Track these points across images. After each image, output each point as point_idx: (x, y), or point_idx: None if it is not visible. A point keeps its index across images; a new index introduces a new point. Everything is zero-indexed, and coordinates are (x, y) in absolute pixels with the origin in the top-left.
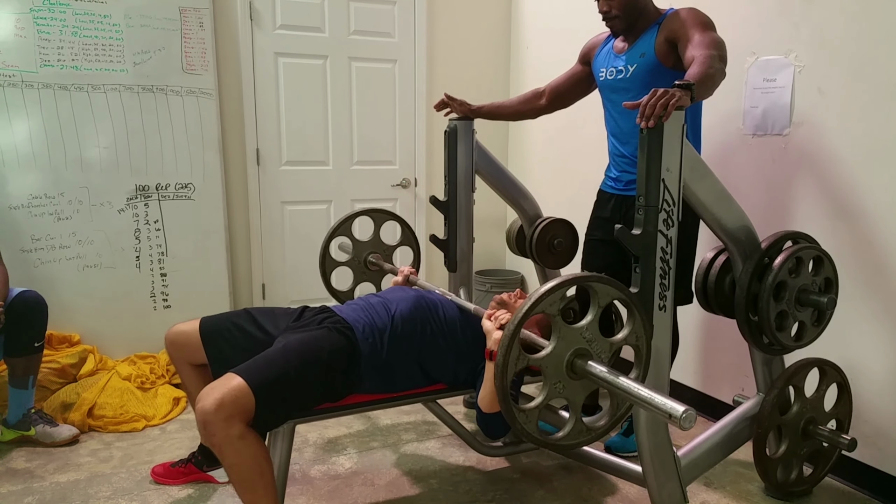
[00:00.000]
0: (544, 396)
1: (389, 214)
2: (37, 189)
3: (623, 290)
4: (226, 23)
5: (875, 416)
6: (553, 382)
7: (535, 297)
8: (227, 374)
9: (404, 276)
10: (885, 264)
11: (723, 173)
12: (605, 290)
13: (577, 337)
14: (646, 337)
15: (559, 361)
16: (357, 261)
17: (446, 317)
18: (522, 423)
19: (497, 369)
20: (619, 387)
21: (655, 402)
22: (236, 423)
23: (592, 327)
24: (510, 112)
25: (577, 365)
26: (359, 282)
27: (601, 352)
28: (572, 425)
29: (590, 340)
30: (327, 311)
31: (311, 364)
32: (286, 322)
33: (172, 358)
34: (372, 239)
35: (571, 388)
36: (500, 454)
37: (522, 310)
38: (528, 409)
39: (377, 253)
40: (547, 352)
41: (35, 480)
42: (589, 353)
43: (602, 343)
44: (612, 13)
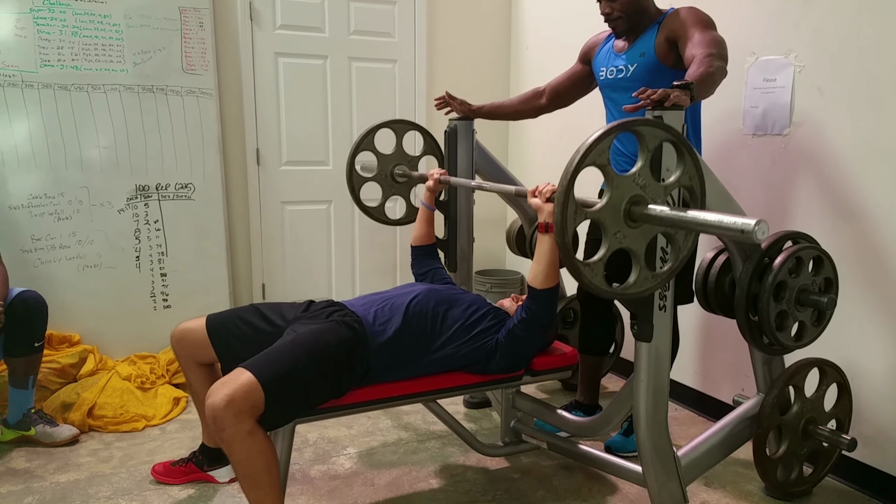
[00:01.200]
0: (607, 248)
1: (410, 124)
2: (37, 189)
3: (669, 129)
4: (226, 23)
5: (875, 416)
6: (614, 233)
7: (583, 148)
8: (237, 370)
9: (435, 180)
10: (885, 264)
11: (723, 173)
12: (651, 133)
13: (630, 184)
14: (697, 175)
15: (616, 211)
16: (384, 174)
17: (459, 309)
18: (589, 276)
19: (556, 227)
20: (686, 219)
21: (725, 223)
22: (246, 419)
23: (644, 172)
24: (510, 111)
25: (635, 212)
26: (388, 196)
27: (656, 196)
28: (637, 273)
29: (643, 186)
30: (336, 304)
31: (320, 358)
32: (294, 314)
33: (178, 357)
34: (396, 151)
35: (632, 236)
36: (500, 454)
37: (574, 161)
38: (593, 263)
39: (402, 164)
40: (604, 202)
41: (35, 480)
42: (644, 198)
43: (656, 188)
44: (614, 15)
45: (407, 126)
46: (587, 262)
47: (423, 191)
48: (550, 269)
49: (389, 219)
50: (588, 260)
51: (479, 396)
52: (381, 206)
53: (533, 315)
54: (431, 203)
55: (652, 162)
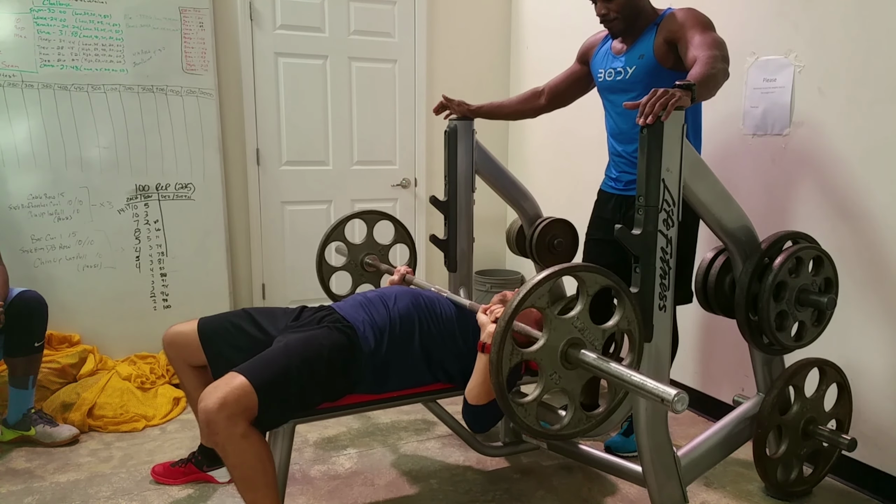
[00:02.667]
0: (541, 388)
1: (381, 214)
2: (37, 189)
3: (610, 276)
4: (226, 23)
5: (875, 416)
6: (549, 374)
7: (524, 290)
8: (230, 374)
9: (400, 276)
10: (885, 264)
11: (723, 173)
12: (592, 279)
13: (568, 327)
14: (637, 323)
15: (553, 352)
16: (354, 264)
17: (444, 314)
18: (522, 416)
19: (491, 366)
20: (612, 373)
21: (647, 387)
22: (239, 422)
23: (583, 316)
24: (509, 112)
25: (571, 354)
26: (357, 284)
27: (594, 339)
28: (572, 414)
29: (582, 329)
30: (326, 309)
31: (313, 362)
32: (285, 321)
33: (171, 359)
34: (366, 241)
35: (567, 377)
36: (500, 454)
37: (513, 304)
38: (527, 403)
39: (373, 254)
40: (540, 344)
41: (35, 480)
42: (582, 341)
43: (594, 331)
44: (610, 16)
45: (378, 216)
46: (520, 402)
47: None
48: (483, 387)
49: None
50: (521, 400)
51: None
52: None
53: (469, 424)
54: None
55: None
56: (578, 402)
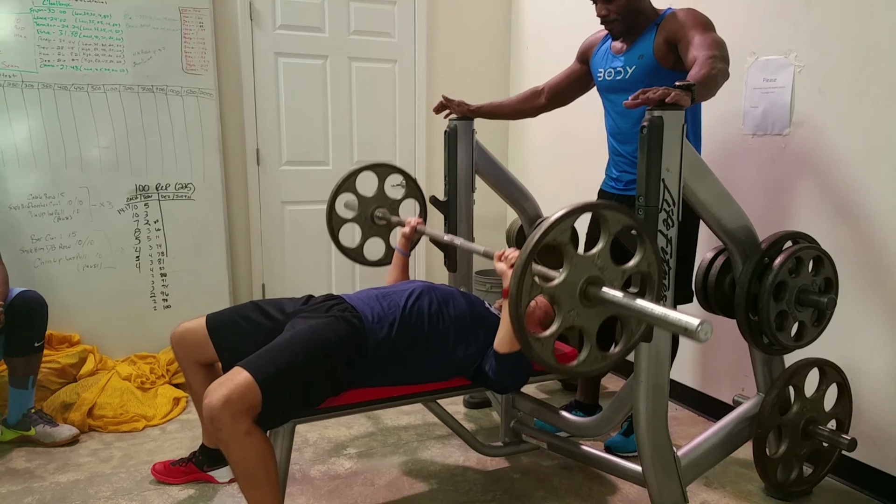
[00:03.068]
0: (559, 325)
1: (392, 168)
2: (37, 189)
3: (632, 216)
4: (226, 23)
5: (875, 416)
6: (567, 310)
7: (546, 225)
8: (235, 369)
9: (412, 227)
10: (885, 264)
11: (723, 173)
12: (614, 217)
13: (588, 265)
14: (656, 262)
15: (572, 289)
16: (364, 216)
17: (456, 309)
18: (538, 350)
19: (511, 298)
20: (634, 307)
21: (670, 318)
22: (243, 419)
23: (604, 255)
24: (509, 111)
25: (590, 292)
26: (367, 237)
27: (613, 279)
28: (587, 352)
29: (601, 268)
30: (336, 298)
31: (317, 356)
32: (293, 307)
33: (178, 357)
34: (377, 194)
35: (585, 315)
36: (500, 454)
37: (534, 237)
38: (544, 338)
39: (383, 207)
40: (560, 280)
41: (35, 480)
42: (601, 280)
43: (613, 271)
44: (610, 17)
45: (389, 170)
46: (538, 336)
47: (400, 236)
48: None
49: (367, 260)
50: (539, 335)
51: (479, 396)
52: (360, 248)
53: (498, 378)
54: (406, 249)
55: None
56: (595, 340)
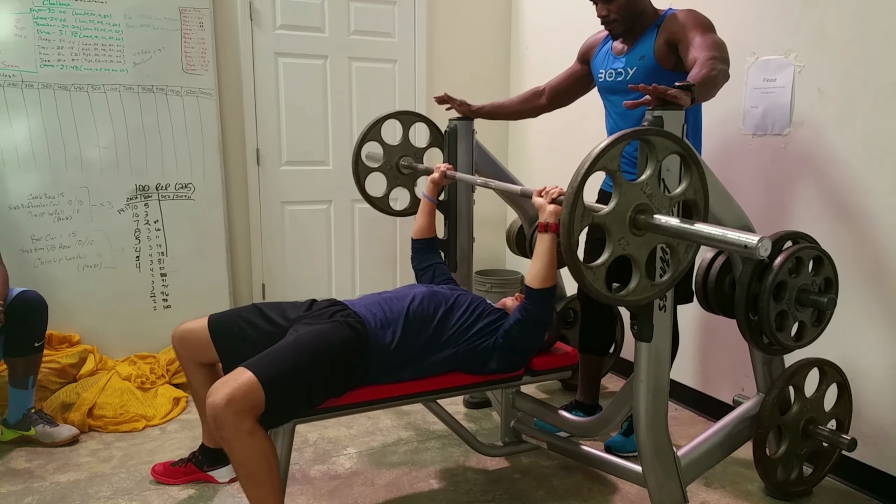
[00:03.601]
0: (609, 253)
1: (417, 116)
2: (37, 189)
3: (679, 141)
4: (226, 23)
5: (875, 416)
6: (618, 239)
7: (596, 152)
8: (238, 369)
9: (441, 172)
10: (885, 264)
11: (723, 173)
12: (662, 144)
13: (637, 192)
14: (702, 189)
15: (622, 217)
16: (389, 165)
17: (459, 311)
18: (591, 280)
19: (563, 227)
20: (690, 231)
21: (728, 238)
22: (246, 418)
23: (652, 182)
24: (510, 112)
25: (640, 220)
26: (392, 186)
27: (661, 206)
28: (637, 281)
29: (650, 196)
30: (339, 304)
31: (321, 359)
32: (296, 313)
33: (180, 357)
34: (402, 143)
35: (635, 243)
36: (500, 454)
37: (584, 166)
38: (595, 267)
39: (408, 156)
40: (610, 208)
41: (35, 480)
42: (650, 207)
43: (661, 198)
44: (610, 17)
45: (414, 118)
46: (590, 265)
47: (427, 183)
48: (548, 270)
49: (393, 209)
50: (591, 263)
51: (479, 396)
52: (385, 197)
53: (529, 315)
54: (434, 196)
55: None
56: (645, 269)
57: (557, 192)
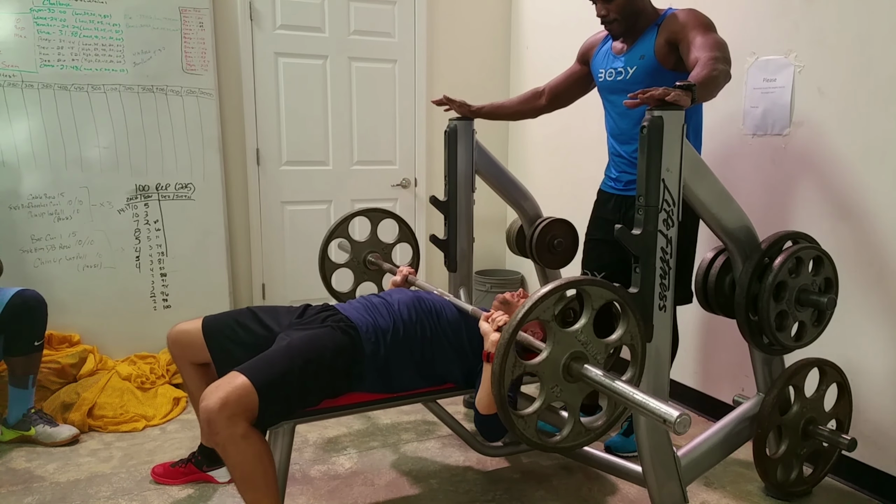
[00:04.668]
0: (542, 401)
1: (386, 213)
2: (37, 189)
3: (616, 290)
4: (226, 23)
5: (875, 416)
6: (550, 386)
7: (528, 304)
8: (232, 373)
9: (403, 277)
10: (885, 264)
11: (723, 173)
12: (598, 293)
13: (572, 340)
14: (640, 337)
15: (555, 366)
16: (356, 261)
17: (447, 318)
18: (521, 428)
19: (493, 377)
20: (614, 390)
21: (650, 407)
22: (240, 422)
23: (587, 330)
24: (510, 112)
25: (573, 368)
26: (359, 282)
27: (597, 353)
28: (571, 427)
29: (585, 343)
30: (331, 309)
31: (314, 363)
32: (289, 319)
33: (174, 357)
34: (370, 238)
35: (568, 391)
36: (500, 454)
37: (517, 318)
38: (527, 415)
39: (376, 252)
40: (542, 357)
41: (35, 480)
42: (585, 355)
43: (597, 345)
44: (610, 17)
45: (382, 215)
46: (521, 413)
47: (389, 285)
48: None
49: None
50: (521, 412)
51: None
52: (353, 293)
53: (482, 433)
54: None
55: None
56: (578, 415)
57: (504, 321)
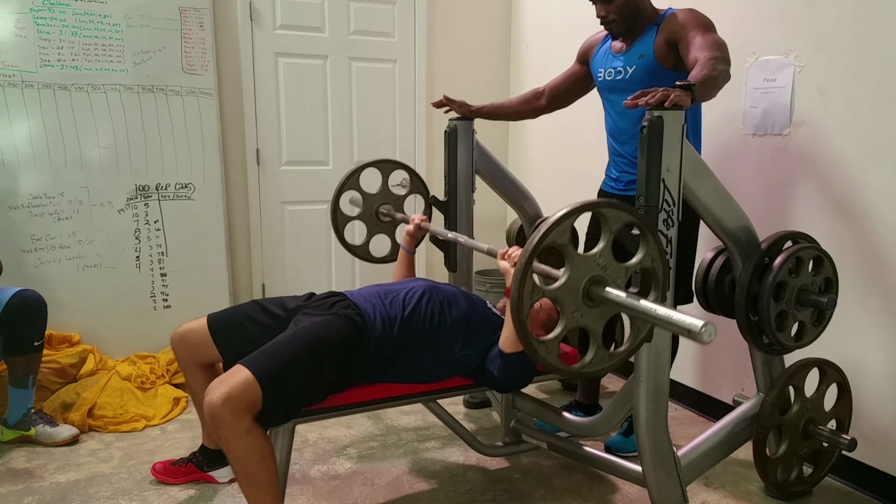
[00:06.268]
0: (563, 326)
1: (396, 164)
2: (37, 189)
3: (633, 212)
4: (226, 23)
5: (875, 416)
6: (571, 311)
7: (545, 227)
8: (235, 367)
9: (416, 225)
10: (885, 264)
11: (723, 173)
12: (615, 216)
13: (591, 264)
14: (660, 258)
15: (575, 290)
16: (369, 213)
17: (458, 309)
18: (543, 354)
19: (512, 303)
20: (638, 308)
21: (674, 320)
22: (244, 417)
23: (605, 254)
24: (510, 112)
25: (594, 292)
26: (372, 234)
27: (616, 277)
28: (594, 352)
29: (604, 267)
30: (338, 294)
31: (319, 355)
32: (295, 304)
33: (179, 358)
34: (381, 190)
35: (589, 315)
36: (500, 454)
37: (533, 241)
38: (548, 341)
39: (388, 204)
40: (562, 282)
41: (35, 480)
42: (604, 279)
43: (617, 269)
44: (609, 17)
45: (393, 166)
46: (542, 339)
47: (403, 234)
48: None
49: (373, 256)
50: (543, 338)
51: (479, 396)
52: (366, 245)
53: (505, 377)
54: (411, 247)
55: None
56: (601, 340)
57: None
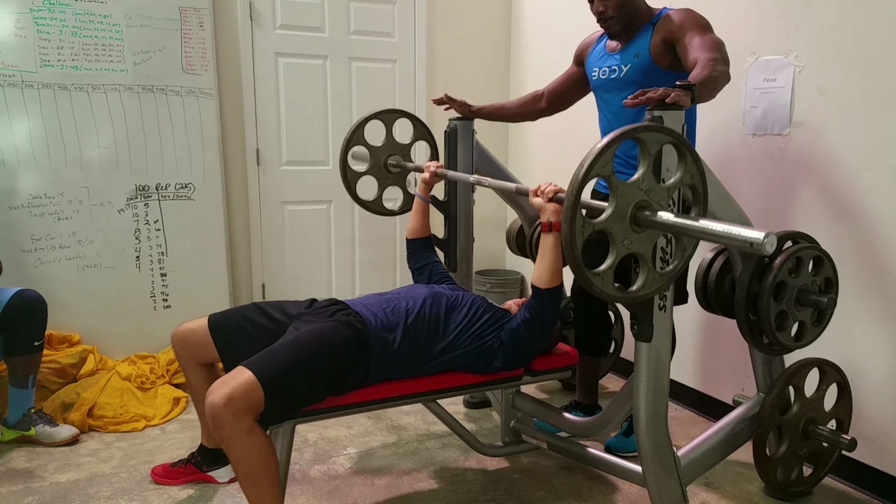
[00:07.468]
0: (615, 256)
1: (398, 112)
2: (37, 189)
3: (669, 132)
4: (226, 23)
5: (875, 416)
6: (621, 240)
7: (589, 159)
8: (238, 368)
9: (431, 173)
10: (885, 264)
11: (723, 173)
12: (652, 138)
13: (634, 191)
14: (699, 173)
15: (622, 218)
16: (377, 167)
17: (462, 311)
18: (600, 285)
19: (565, 241)
20: (692, 227)
21: (733, 234)
22: (245, 418)
23: (647, 178)
24: (510, 114)
25: (641, 217)
26: (384, 187)
27: (660, 199)
28: (646, 276)
29: (647, 191)
30: (340, 303)
31: (320, 358)
32: (296, 310)
33: (179, 357)
34: (386, 141)
35: (639, 241)
36: (500, 454)
37: (579, 175)
38: (602, 272)
39: (395, 154)
40: (609, 213)
41: (35, 480)
42: (650, 203)
43: (660, 191)
44: (607, 14)
45: (395, 114)
46: (597, 271)
47: (419, 182)
48: (554, 268)
49: (388, 210)
50: (597, 269)
51: (479, 396)
52: (379, 199)
53: (536, 314)
54: (426, 195)
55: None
56: (652, 263)
57: (552, 189)
